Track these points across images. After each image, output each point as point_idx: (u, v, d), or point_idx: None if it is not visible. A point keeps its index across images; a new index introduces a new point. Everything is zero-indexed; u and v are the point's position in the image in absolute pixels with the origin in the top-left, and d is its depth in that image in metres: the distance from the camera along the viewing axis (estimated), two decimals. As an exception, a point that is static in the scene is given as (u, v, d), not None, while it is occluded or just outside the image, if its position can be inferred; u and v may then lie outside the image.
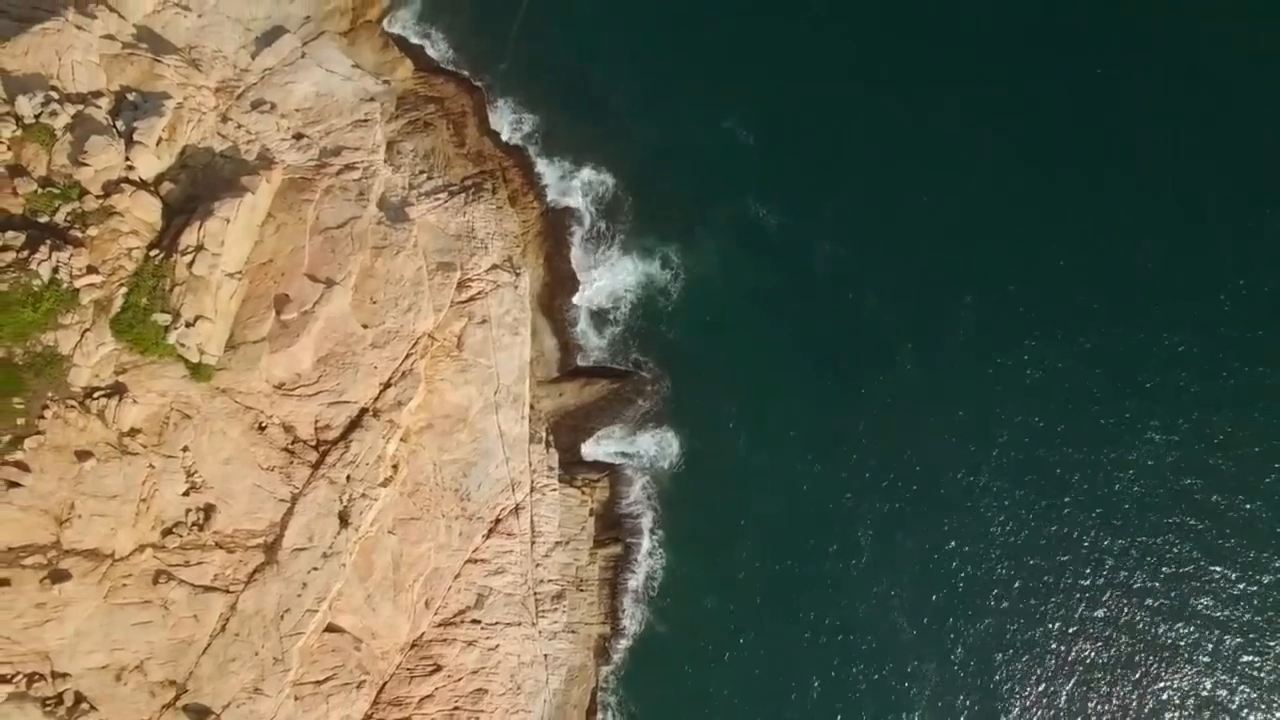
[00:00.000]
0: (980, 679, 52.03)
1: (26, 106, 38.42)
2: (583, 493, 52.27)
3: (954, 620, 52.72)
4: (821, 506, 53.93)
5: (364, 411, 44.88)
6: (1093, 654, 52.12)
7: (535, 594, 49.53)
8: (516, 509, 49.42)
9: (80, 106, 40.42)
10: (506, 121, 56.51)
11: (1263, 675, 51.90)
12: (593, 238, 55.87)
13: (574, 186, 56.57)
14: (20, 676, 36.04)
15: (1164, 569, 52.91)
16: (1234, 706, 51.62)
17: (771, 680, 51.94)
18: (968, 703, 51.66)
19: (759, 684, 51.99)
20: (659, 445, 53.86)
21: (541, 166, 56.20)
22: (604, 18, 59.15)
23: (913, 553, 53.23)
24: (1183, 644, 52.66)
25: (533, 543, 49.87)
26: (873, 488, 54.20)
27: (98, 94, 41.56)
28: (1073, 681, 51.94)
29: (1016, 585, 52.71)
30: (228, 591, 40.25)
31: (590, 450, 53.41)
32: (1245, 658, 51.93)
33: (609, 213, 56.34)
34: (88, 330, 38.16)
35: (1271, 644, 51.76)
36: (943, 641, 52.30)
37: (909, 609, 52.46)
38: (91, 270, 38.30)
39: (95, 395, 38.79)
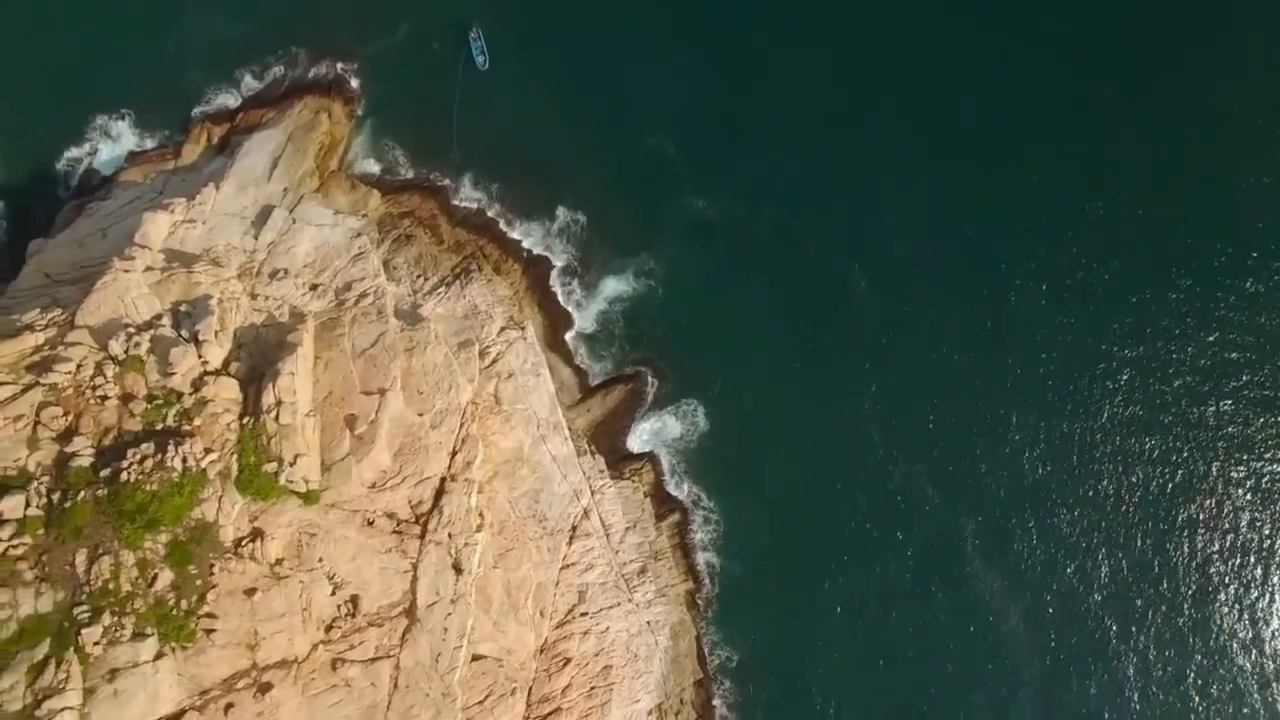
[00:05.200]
0: (1000, 523, 59.10)
1: (117, 347, 42.88)
2: (633, 481, 57.48)
3: (968, 480, 59.53)
4: (829, 431, 59.57)
5: (444, 480, 48.96)
6: (1070, 485, 60.37)
7: (623, 575, 54.49)
8: (586, 513, 54.27)
9: (151, 330, 44.40)
10: (469, 207, 60.66)
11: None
12: (570, 275, 60.03)
13: (542, 239, 60.73)
14: (261, 771, 40.78)
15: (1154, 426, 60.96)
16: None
17: (834, 577, 58.02)
18: (997, 542, 58.39)
19: (827, 585, 57.89)
20: (682, 421, 58.75)
21: (510, 234, 60.47)
22: (518, 91, 62.92)
23: (917, 438, 59.54)
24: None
25: (607, 535, 55.03)
26: (867, 403, 60.22)
27: (159, 316, 45.50)
28: (1082, 516, 59.86)
29: (1009, 451, 60.60)
30: (389, 657, 44.53)
31: (628, 444, 58.12)
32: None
33: (578, 250, 60.58)
34: (221, 497, 42.05)
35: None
36: (965, 500, 59.12)
37: (932, 481, 59.28)
38: (208, 451, 42.06)
39: (243, 543, 42.64)
